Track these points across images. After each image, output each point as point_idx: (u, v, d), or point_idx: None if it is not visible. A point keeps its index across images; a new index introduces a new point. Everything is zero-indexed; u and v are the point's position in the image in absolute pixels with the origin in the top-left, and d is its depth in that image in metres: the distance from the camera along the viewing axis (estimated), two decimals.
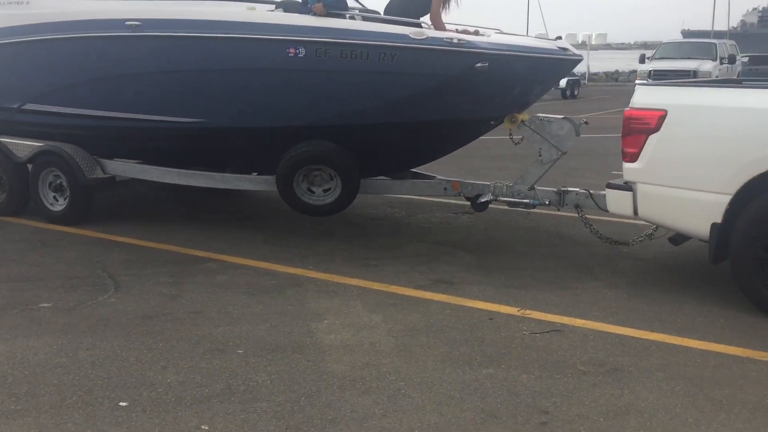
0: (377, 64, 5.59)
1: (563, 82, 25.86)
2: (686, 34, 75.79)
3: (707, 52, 22.07)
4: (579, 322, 4.44)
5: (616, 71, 41.92)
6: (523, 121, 6.12)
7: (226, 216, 7.51)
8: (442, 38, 5.64)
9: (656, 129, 4.85)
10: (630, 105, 5.07)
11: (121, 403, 3.42)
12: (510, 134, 6.31)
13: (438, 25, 6.14)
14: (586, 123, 6.36)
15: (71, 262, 5.76)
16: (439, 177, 6.68)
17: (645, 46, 79.50)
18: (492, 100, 6.04)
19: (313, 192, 6.28)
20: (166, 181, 6.97)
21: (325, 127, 6.01)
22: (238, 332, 4.30)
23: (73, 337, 4.22)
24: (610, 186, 5.30)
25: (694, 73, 19.27)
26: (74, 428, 3.21)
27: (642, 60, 23.54)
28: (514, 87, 6.05)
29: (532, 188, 6.05)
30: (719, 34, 38.45)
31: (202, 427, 3.22)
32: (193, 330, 4.34)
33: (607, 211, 5.50)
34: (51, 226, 6.89)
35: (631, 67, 37.28)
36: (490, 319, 4.51)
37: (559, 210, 6.29)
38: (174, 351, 4.03)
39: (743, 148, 4.51)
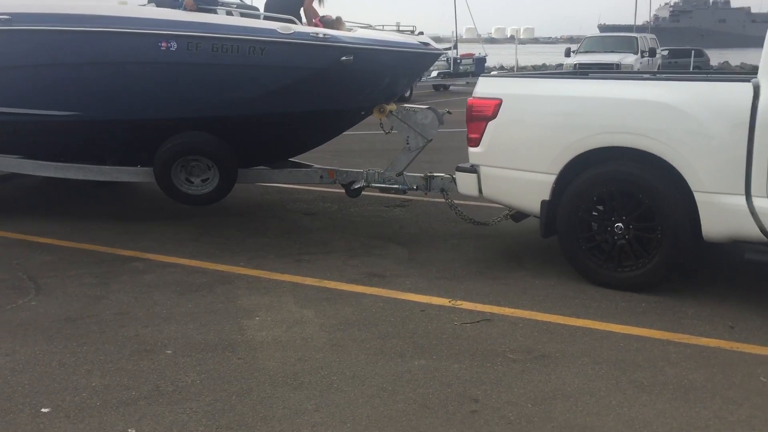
0: (248, 58, 5.80)
1: None
2: (603, 28, 77.89)
3: (629, 46, 22.71)
4: (508, 311, 4.53)
5: (544, 65, 42.72)
6: (391, 112, 6.45)
7: (154, 214, 7.32)
8: (309, 33, 5.89)
9: (493, 116, 5.28)
10: (473, 95, 5.46)
11: (43, 410, 3.31)
12: (380, 124, 6.64)
13: (311, 19, 6.40)
14: (448, 113, 6.74)
15: None
16: (315, 166, 7.05)
17: (571, 40, 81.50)
18: (360, 92, 6.36)
19: (191, 182, 6.44)
20: (41, 174, 7.01)
21: (200, 119, 6.16)
22: (167, 332, 4.21)
23: None
24: (458, 169, 5.66)
25: (617, 66, 19.77)
26: None
27: (567, 54, 24.10)
28: (380, 79, 6.35)
29: (400, 174, 6.43)
30: (636, 28, 39.66)
31: (129, 430, 3.14)
32: (119, 331, 4.23)
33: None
34: None
35: (558, 61, 38.10)
36: (422, 311, 4.55)
37: (426, 194, 6.61)
38: (99, 353, 3.92)
39: (564, 132, 4.96)
